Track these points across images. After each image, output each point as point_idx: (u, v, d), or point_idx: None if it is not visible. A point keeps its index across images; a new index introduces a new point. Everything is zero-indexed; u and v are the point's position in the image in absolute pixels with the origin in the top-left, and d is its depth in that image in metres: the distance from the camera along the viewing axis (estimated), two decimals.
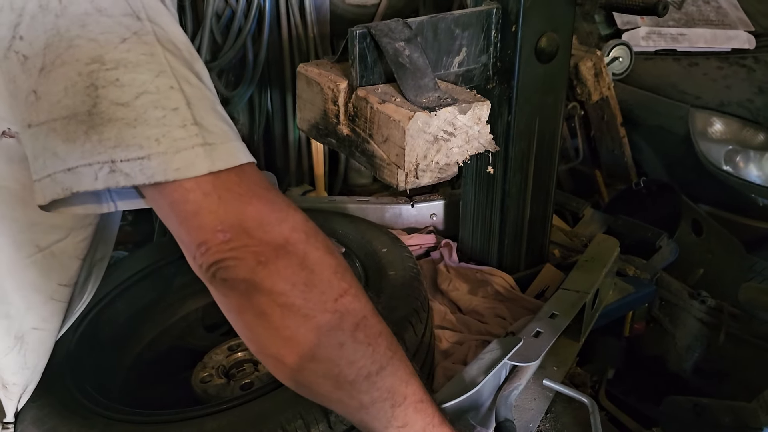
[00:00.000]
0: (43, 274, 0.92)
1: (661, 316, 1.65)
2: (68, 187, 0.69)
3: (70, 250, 0.94)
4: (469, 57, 1.36)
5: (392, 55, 1.11)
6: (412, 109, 1.05)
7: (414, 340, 1.10)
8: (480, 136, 1.14)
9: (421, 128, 1.05)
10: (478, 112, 1.11)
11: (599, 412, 1.08)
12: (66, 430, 0.92)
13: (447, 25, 1.28)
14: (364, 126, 1.14)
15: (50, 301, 0.95)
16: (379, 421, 0.75)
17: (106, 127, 0.67)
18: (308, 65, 1.26)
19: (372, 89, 1.14)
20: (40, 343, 0.96)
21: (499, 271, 1.58)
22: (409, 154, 1.06)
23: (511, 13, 1.36)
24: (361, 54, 1.13)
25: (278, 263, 0.69)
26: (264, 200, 0.71)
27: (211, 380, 1.18)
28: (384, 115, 1.08)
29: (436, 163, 1.11)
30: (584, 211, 1.92)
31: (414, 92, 1.09)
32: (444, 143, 1.10)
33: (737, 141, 2.47)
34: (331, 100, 1.19)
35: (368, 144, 1.15)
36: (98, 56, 0.69)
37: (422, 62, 1.13)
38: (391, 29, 1.14)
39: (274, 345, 0.71)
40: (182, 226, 0.70)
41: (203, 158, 0.69)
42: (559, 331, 1.23)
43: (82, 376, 1.08)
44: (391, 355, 0.75)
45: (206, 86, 0.76)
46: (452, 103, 1.09)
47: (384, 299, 1.18)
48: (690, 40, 2.81)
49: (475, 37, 1.35)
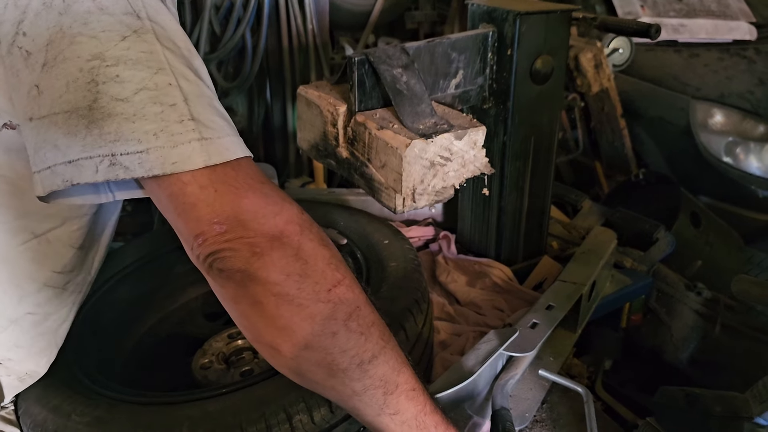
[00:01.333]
0: (37, 261, 0.94)
1: (658, 307, 1.66)
2: (68, 179, 0.71)
3: (64, 238, 0.96)
4: (465, 79, 1.39)
5: (390, 81, 1.15)
6: (409, 136, 1.08)
7: (414, 331, 1.11)
8: (476, 159, 1.17)
9: (418, 155, 1.08)
10: (473, 137, 1.14)
11: (595, 402, 1.09)
12: (70, 409, 0.93)
13: (444, 49, 1.32)
14: (363, 150, 1.17)
15: (44, 288, 0.97)
16: (371, 408, 0.76)
17: (106, 122, 0.69)
18: (308, 87, 1.29)
19: (370, 114, 1.17)
20: (34, 326, 0.98)
21: (497, 263, 1.60)
22: (407, 180, 1.09)
23: (507, 37, 1.39)
24: (359, 80, 1.16)
25: (273, 254, 0.71)
26: (259, 193, 0.73)
27: (211, 366, 1.20)
28: (382, 141, 1.10)
29: (433, 187, 1.14)
30: (583, 203, 1.93)
31: (411, 118, 1.12)
32: (440, 168, 1.13)
33: (738, 133, 2.46)
34: (331, 123, 1.22)
35: (367, 168, 1.17)
36: (99, 53, 0.71)
37: (419, 88, 1.17)
38: (388, 56, 1.18)
39: (268, 333, 0.73)
40: (180, 217, 0.72)
41: (199, 152, 0.71)
42: (555, 322, 1.24)
43: (85, 357, 1.09)
44: (383, 344, 0.77)
45: (204, 83, 0.78)
46: (448, 129, 1.11)
47: (385, 290, 1.19)
48: (691, 31, 2.80)
49: (472, 59, 1.39)
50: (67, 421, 0.90)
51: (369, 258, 1.33)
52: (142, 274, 1.38)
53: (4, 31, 0.74)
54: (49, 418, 0.92)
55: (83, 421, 0.89)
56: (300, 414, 0.89)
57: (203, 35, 2.13)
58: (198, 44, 2.13)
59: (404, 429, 0.78)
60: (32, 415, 0.95)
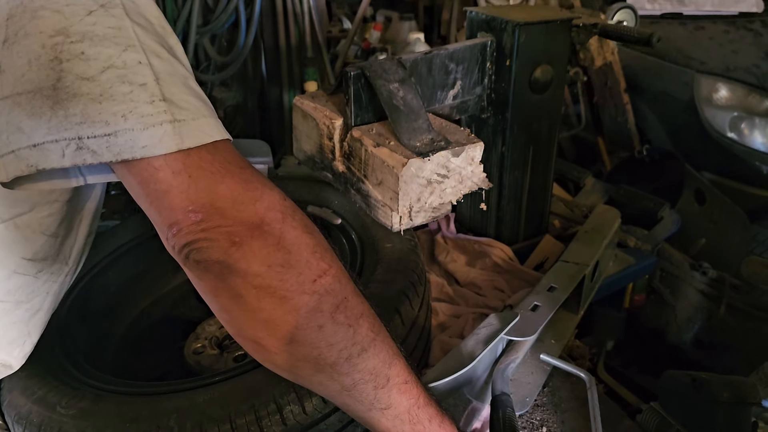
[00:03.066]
0: (5, 247, 0.90)
1: (662, 287, 1.63)
2: (33, 164, 0.67)
3: (34, 224, 0.92)
4: (463, 89, 1.37)
5: (386, 97, 1.13)
6: (405, 155, 1.07)
7: (410, 315, 1.08)
8: (473, 175, 1.15)
9: (415, 174, 1.06)
10: (471, 153, 1.12)
11: (597, 385, 1.06)
12: (55, 400, 0.90)
13: (441, 61, 1.30)
14: (359, 166, 1.15)
15: (14, 275, 0.93)
16: (361, 404, 0.73)
17: (71, 103, 0.65)
18: (304, 98, 1.26)
19: (367, 129, 1.15)
20: (4, 314, 0.94)
21: (498, 242, 1.56)
22: (403, 199, 1.08)
23: (506, 47, 1.37)
24: (355, 95, 1.14)
25: (253, 244, 0.66)
26: (237, 178, 0.69)
27: (204, 351, 1.18)
28: (378, 159, 1.09)
29: (430, 204, 1.12)
30: (586, 181, 1.89)
31: (408, 135, 1.11)
32: (437, 185, 1.12)
33: (743, 107, 2.42)
34: (327, 137, 1.20)
35: (363, 184, 1.16)
36: (63, 28, 0.66)
37: (416, 104, 1.15)
38: (385, 70, 1.16)
39: (251, 328, 0.69)
40: (153, 205, 0.68)
41: (171, 135, 0.66)
42: (557, 304, 1.21)
43: (72, 345, 1.07)
44: (373, 336, 0.73)
45: (179, 61, 0.74)
46: (445, 146, 1.10)
47: (380, 273, 1.16)
48: (696, 3, 2.74)
49: (470, 70, 1.36)
50: (52, 413, 0.88)
51: (363, 239, 1.30)
52: (131, 257, 1.35)
53: None
54: (33, 410, 0.90)
55: (69, 414, 0.87)
56: (291, 404, 0.86)
57: (195, 8, 2.07)
58: (190, 17, 2.07)
59: (396, 423, 0.75)
60: (16, 407, 0.92)
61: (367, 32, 2.47)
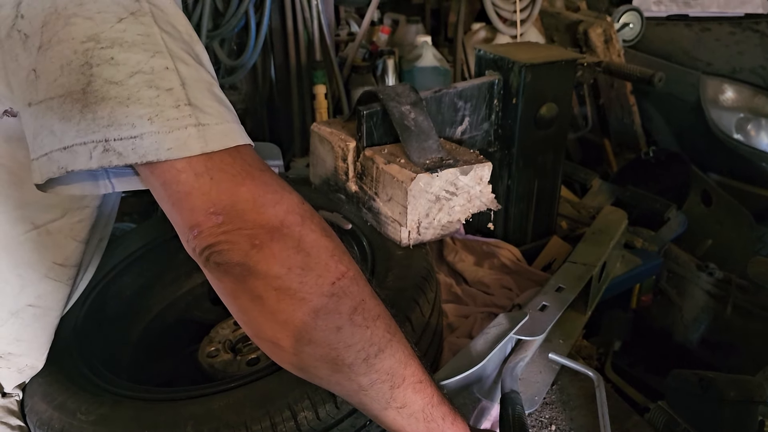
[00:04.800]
0: (37, 251, 0.92)
1: (669, 288, 1.64)
2: (64, 166, 0.68)
3: (66, 230, 0.94)
4: (471, 125, 1.42)
5: (398, 118, 1.17)
6: (414, 170, 1.10)
7: (421, 321, 1.09)
8: (482, 195, 1.19)
9: (423, 188, 1.09)
10: (479, 173, 1.15)
11: (605, 384, 1.08)
12: (75, 407, 0.92)
13: (450, 99, 1.34)
14: (371, 184, 1.19)
15: (45, 279, 0.95)
16: (378, 403, 0.74)
17: (99, 106, 0.66)
18: (321, 124, 1.31)
19: (379, 149, 1.19)
20: (35, 319, 0.97)
21: (506, 243, 1.58)
22: (412, 213, 1.10)
23: (512, 86, 1.41)
24: (368, 116, 1.19)
25: (273, 246, 0.67)
26: (258, 181, 0.70)
27: (217, 355, 1.18)
28: (388, 175, 1.12)
29: (438, 221, 1.16)
30: (592, 182, 1.90)
31: (418, 154, 1.14)
32: (446, 202, 1.14)
33: (749, 109, 2.42)
34: (341, 158, 1.24)
35: (374, 201, 1.19)
36: (94, 35, 0.68)
37: (427, 125, 1.19)
38: (397, 93, 1.20)
39: (270, 329, 0.70)
40: (175, 207, 0.69)
41: (196, 138, 0.68)
42: (565, 304, 1.23)
43: (90, 351, 1.08)
44: (389, 337, 0.74)
45: (204, 68, 0.75)
46: (454, 164, 1.13)
47: (391, 280, 1.17)
48: (702, 5, 2.74)
49: (478, 107, 1.42)
50: (73, 419, 0.89)
51: (374, 244, 1.31)
52: (145, 262, 1.36)
53: (4, 15, 0.71)
54: (54, 416, 0.91)
55: (88, 420, 0.88)
56: (305, 411, 0.87)
57: (206, 12, 2.09)
58: (201, 21, 2.09)
59: (412, 422, 0.76)
60: (38, 413, 0.94)
61: (375, 35, 2.49)
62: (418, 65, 2.35)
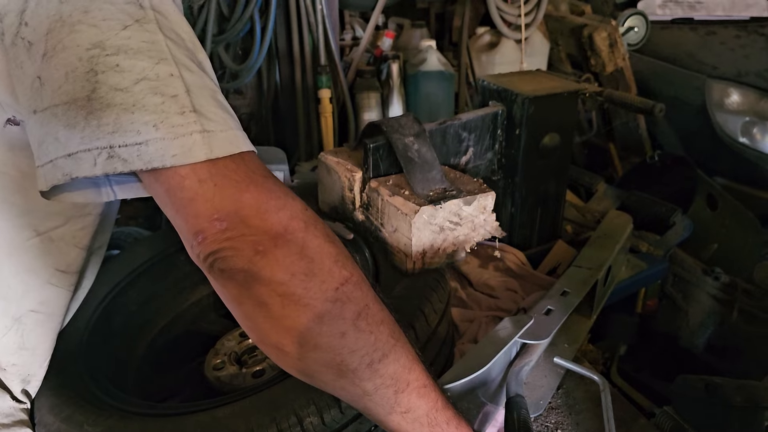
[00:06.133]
0: (40, 258, 0.93)
1: (674, 292, 1.64)
2: (68, 173, 0.68)
3: (68, 237, 0.95)
4: (475, 155, 1.45)
5: (401, 150, 1.18)
6: (418, 202, 1.11)
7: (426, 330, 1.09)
8: (486, 224, 1.19)
9: (427, 221, 1.10)
10: (483, 202, 1.16)
11: (611, 388, 1.07)
12: (82, 419, 0.92)
13: (455, 130, 1.37)
14: (377, 215, 1.21)
15: (47, 285, 0.96)
16: (382, 408, 0.75)
17: (104, 113, 0.67)
18: (328, 153, 1.33)
19: (384, 180, 1.21)
20: (38, 325, 0.97)
21: (511, 247, 1.58)
22: (416, 245, 1.12)
23: (515, 118, 1.43)
24: (374, 149, 1.21)
25: (277, 252, 0.68)
26: (261, 188, 0.70)
27: (223, 367, 1.18)
28: (393, 207, 1.14)
29: (444, 250, 1.16)
30: (597, 186, 1.90)
31: (421, 185, 1.16)
32: (450, 232, 1.15)
33: (754, 112, 2.42)
34: (348, 188, 1.26)
35: (380, 232, 1.21)
36: (99, 42, 0.68)
37: (430, 156, 1.20)
38: (401, 125, 1.22)
39: (274, 335, 0.70)
40: (179, 213, 0.69)
41: (201, 145, 0.68)
42: (570, 308, 1.22)
43: (96, 365, 1.08)
44: (393, 342, 0.74)
45: (208, 75, 0.76)
46: (457, 195, 1.14)
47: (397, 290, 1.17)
48: (707, 8, 2.74)
49: (482, 137, 1.44)
50: (80, 430, 0.89)
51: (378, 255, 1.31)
52: (150, 275, 1.35)
53: (8, 23, 0.71)
54: (62, 428, 0.92)
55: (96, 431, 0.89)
56: (311, 416, 0.87)
57: (211, 16, 2.10)
58: (206, 26, 2.10)
59: (416, 426, 0.76)
60: (46, 425, 0.95)
61: (379, 39, 2.50)
62: (422, 69, 2.35)
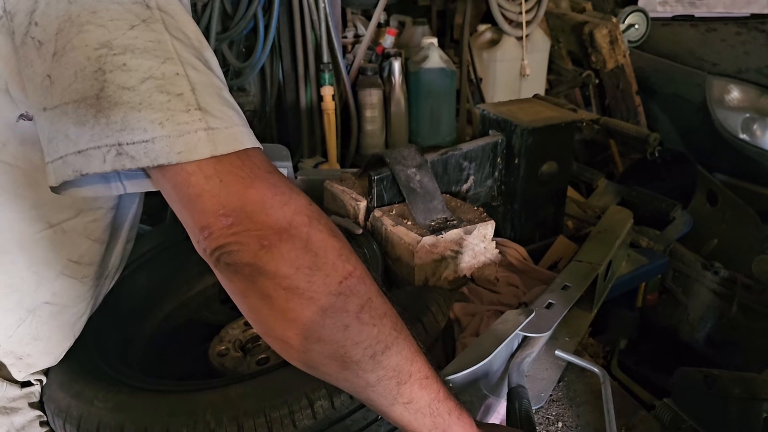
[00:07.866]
0: (53, 249, 0.94)
1: (674, 287, 1.65)
2: (78, 169, 0.70)
3: (80, 228, 0.96)
4: (476, 183, 1.50)
5: (404, 181, 1.22)
6: (420, 232, 1.15)
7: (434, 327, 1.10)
8: (486, 251, 1.24)
9: (429, 250, 1.13)
10: (483, 231, 1.20)
11: (611, 381, 1.09)
12: (92, 395, 0.94)
13: (456, 160, 1.41)
14: (381, 243, 1.24)
15: (61, 276, 0.97)
16: (385, 399, 0.76)
17: (112, 111, 0.68)
18: (334, 181, 1.37)
19: (387, 210, 1.24)
20: (52, 316, 0.99)
21: (512, 242, 1.59)
22: (419, 273, 1.14)
23: (515, 147, 1.47)
24: (378, 180, 1.24)
25: (281, 247, 0.69)
26: (266, 183, 0.71)
27: (227, 354, 1.20)
28: (396, 237, 1.17)
29: (446, 278, 1.19)
30: (598, 182, 1.91)
31: (423, 215, 1.20)
32: (452, 261, 1.18)
33: (755, 109, 2.43)
34: (353, 216, 1.30)
35: (384, 260, 1.23)
36: (107, 41, 0.70)
37: (432, 186, 1.24)
38: (404, 156, 1.26)
39: (279, 327, 0.71)
40: (185, 209, 0.71)
41: (206, 142, 0.69)
42: (571, 302, 1.24)
43: (104, 346, 1.10)
44: (396, 334, 0.76)
45: (214, 73, 0.77)
46: (458, 224, 1.18)
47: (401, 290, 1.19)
48: (708, 5, 2.75)
49: (482, 165, 1.49)
50: (91, 407, 0.91)
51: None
52: (159, 262, 1.37)
53: (18, 22, 0.73)
54: (72, 404, 0.93)
55: (106, 407, 0.90)
56: (321, 399, 0.89)
57: (215, 15, 2.11)
58: (210, 24, 2.11)
59: (418, 417, 0.77)
60: (55, 401, 0.96)
61: (382, 37, 2.51)
62: (424, 67, 2.36)
